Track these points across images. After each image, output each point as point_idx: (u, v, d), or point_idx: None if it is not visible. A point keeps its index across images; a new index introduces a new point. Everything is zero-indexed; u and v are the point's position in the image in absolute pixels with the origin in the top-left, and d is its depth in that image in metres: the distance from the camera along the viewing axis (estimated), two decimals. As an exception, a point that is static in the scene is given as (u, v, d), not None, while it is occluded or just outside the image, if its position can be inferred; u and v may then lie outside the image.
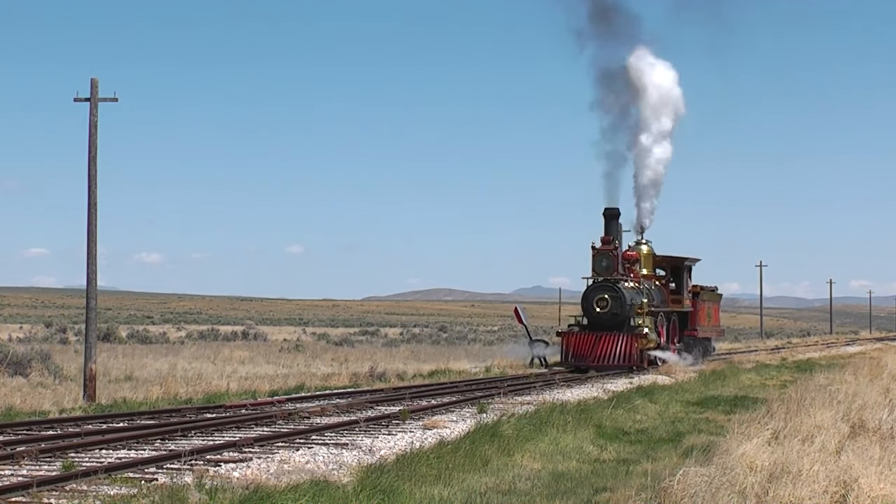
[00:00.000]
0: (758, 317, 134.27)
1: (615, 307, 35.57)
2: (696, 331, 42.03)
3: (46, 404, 21.81)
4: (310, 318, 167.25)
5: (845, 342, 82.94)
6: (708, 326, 43.95)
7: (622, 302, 35.61)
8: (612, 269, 36.10)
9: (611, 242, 36.40)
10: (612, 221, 37.24)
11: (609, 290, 35.76)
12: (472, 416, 20.27)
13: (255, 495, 11.34)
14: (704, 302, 43.16)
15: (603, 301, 35.68)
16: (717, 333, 46.63)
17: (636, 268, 38.37)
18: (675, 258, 41.51)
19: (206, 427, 17.74)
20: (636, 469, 15.04)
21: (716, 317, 45.48)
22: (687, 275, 41.58)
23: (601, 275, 36.20)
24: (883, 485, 10.80)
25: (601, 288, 35.92)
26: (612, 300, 35.59)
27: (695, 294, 42.19)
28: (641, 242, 40.56)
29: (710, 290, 44.55)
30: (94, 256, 24.50)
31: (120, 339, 58.12)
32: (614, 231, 37.13)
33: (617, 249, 36.49)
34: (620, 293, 35.66)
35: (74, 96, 24.85)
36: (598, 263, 36.22)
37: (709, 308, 43.99)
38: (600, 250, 36.29)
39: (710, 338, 44.93)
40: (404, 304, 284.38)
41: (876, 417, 15.39)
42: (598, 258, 36.20)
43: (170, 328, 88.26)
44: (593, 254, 36.33)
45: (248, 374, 31.38)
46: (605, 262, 36.08)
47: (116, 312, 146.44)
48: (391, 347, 56.26)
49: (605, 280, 36.09)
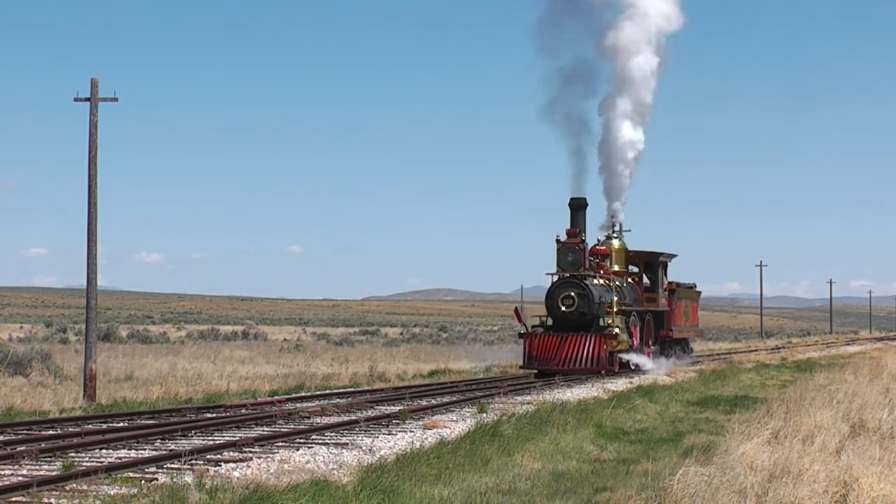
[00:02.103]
0: (758, 317, 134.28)
1: (582, 306, 32.64)
2: (672, 331, 39.28)
3: (46, 404, 21.82)
4: (310, 318, 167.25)
5: (845, 342, 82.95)
6: (685, 326, 41.39)
7: (590, 300, 32.68)
8: (578, 264, 33.06)
9: (577, 235, 33.36)
10: (578, 213, 34.10)
11: (575, 286, 32.81)
12: (472, 415, 20.28)
13: (255, 495, 11.34)
14: (681, 300, 40.57)
15: (569, 299, 32.71)
16: (695, 334, 44.20)
17: (606, 263, 35.70)
18: (649, 253, 38.78)
19: (207, 427, 17.74)
20: (636, 469, 15.05)
21: (694, 316, 42.87)
22: (662, 271, 38.76)
23: (567, 271, 33.19)
24: (883, 485, 10.79)
25: (567, 285, 32.96)
26: (578, 298, 32.64)
27: (671, 292, 39.46)
28: (613, 237, 37.63)
29: (687, 288, 42.01)
30: (94, 256, 24.52)
31: (120, 338, 58.16)
32: (581, 223, 33.89)
33: (584, 243, 33.43)
34: (588, 290, 32.75)
35: (74, 96, 24.90)
36: (563, 258, 33.20)
37: (686, 307, 41.41)
38: (565, 244, 33.25)
39: (687, 338, 42.45)
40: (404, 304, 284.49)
41: (876, 417, 15.40)
42: (564, 253, 33.18)
43: (170, 328, 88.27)
44: (558, 248, 33.29)
45: (248, 374, 31.41)
46: (571, 256, 33.07)
47: (116, 312, 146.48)
48: (391, 347, 56.27)
49: (572, 276, 33.11)
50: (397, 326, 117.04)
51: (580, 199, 34.12)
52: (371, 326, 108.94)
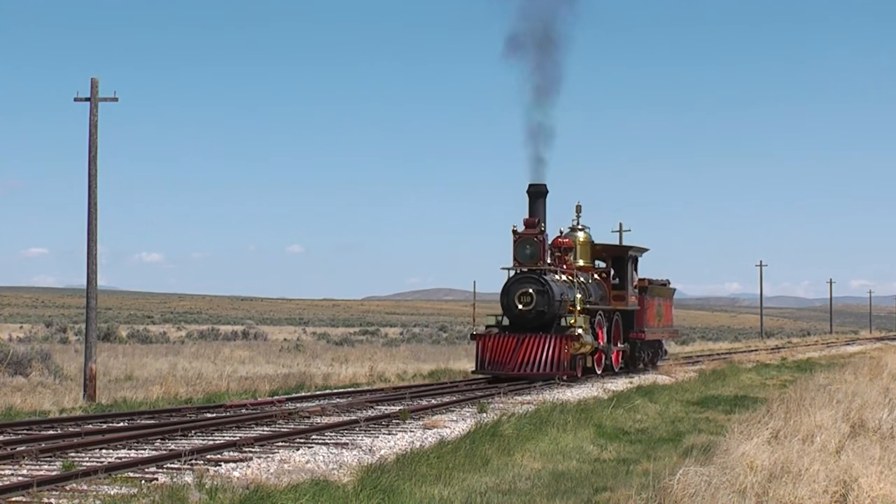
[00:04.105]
0: (758, 316, 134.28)
1: (541, 303, 29.48)
2: (643, 332, 35.80)
3: (46, 404, 21.83)
4: (310, 317, 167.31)
5: (845, 342, 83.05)
6: (658, 327, 37.93)
7: (550, 297, 29.50)
8: (537, 257, 29.88)
9: (536, 225, 30.05)
10: (537, 200, 30.64)
11: (534, 282, 29.67)
12: (472, 415, 20.29)
13: (255, 495, 11.34)
14: (654, 298, 37.24)
15: (526, 296, 29.57)
16: (669, 335, 40.60)
17: (569, 257, 32.30)
18: (617, 247, 36.15)
19: (207, 427, 17.75)
20: (636, 469, 15.05)
21: (668, 315, 39.41)
22: (632, 267, 35.20)
23: (524, 265, 29.95)
24: (883, 485, 10.79)
25: (524, 280, 29.78)
26: (537, 295, 29.47)
27: (642, 289, 36.07)
28: (577, 228, 34.40)
29: (660, 285, 38.84)
30: (94, 256, 24.53)
31: (120, 338, 58.16)
32: (541, 212, 30.54)
33: (544, 234, 30.22)
34: (548, 286, 29.56)
35: (74, 96, 24.91)
36: (520, 251, 29.99)
37: (659, 305, 38.05)
38: (523, 235, 30.03)
39: (660, 340, 39.23)
40: (404, 303, 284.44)
41: (876, 417, 15.40)
42: (521, 244, 29.98)
43: (170, 328, 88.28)
44: (515, 239, 30.13)
45: (248, 374, 31.41)
46: (530, 249, 29.84)
47: (116, 312, 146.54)
48: (391, 347, 56.26)
49: (530, 271, 29.88)
50: (397, 326, 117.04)
51: (539, 186, 30.75)
52: (371, 326, 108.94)
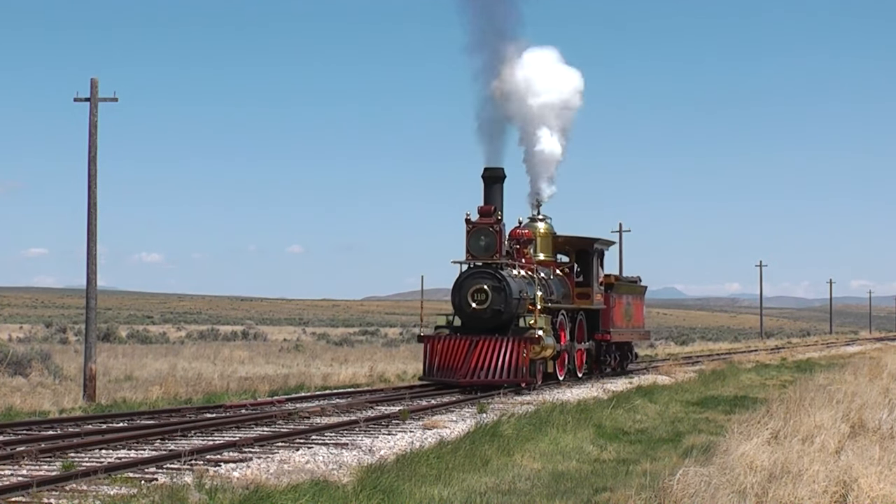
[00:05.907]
0: (758, 317, 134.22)
1: (497, 301, 26.50)
2: (609, 333, 32.79)
3: (46, 404, 21.82)
4: (310, 318, 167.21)
5: (845, 342, 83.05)
6: (626, 328, 34.82)
7: (507, 294, 26.52)
8: (493, 250, 26.78)
9: (492, 214, 27.01)
10: (493, 187, 27.57)
11: (489, 278, 26.61)
12: (471, 416, 20.29)
13: (255, 495, 11.35)
14: (622, 296, 34.22)
15: (480, 293, 26.59)
16: (639, 336, 37.29)
17: (529, 251, 29.14)
18: (581, 239, 32.12)
19: (206, 427, 17.74)
20: (636, 469, 15.05)
21: (638, 315, 36.24)
22: (598, 261, 32.09)
23: (478, 258, 26.89)
24: (883, 485, 10.80)
25: (479, 276, 26.73)
26: (493, 292, 26.48)
27: (608, 286, 33.05)
28: (538, 219, 31.25)
29: (629, 282, 36.19)
30: (94, 256, 24.53)
31: (120, 339, 58.18)
32: (497, 200, 27.47)
33: (500, 224, 27.12)
34: (505, 282, 26.58)
35: (74, 96, 24.92)
36: (473, 242, 26.90)
37: (628, 304, 34.96)
38: (477, 225, 26.94)
39: (630, 342, 36.02)
40: (404, 304, 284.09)
41: (876, 417, 15.41)
42: (475, 235, 26.90)
43: (170, 328, 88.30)
44: (468, 230, 26.98)
45: (248, 374, 31.42)
46: (485, 240, 26.78)
47: (116, 312, 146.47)
48: (391, 347, 56.26)
49: (485, 265, 26.83)
50: (397, 326, 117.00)
51: (496, 170, 27.69)
52: (371, 326, 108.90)
